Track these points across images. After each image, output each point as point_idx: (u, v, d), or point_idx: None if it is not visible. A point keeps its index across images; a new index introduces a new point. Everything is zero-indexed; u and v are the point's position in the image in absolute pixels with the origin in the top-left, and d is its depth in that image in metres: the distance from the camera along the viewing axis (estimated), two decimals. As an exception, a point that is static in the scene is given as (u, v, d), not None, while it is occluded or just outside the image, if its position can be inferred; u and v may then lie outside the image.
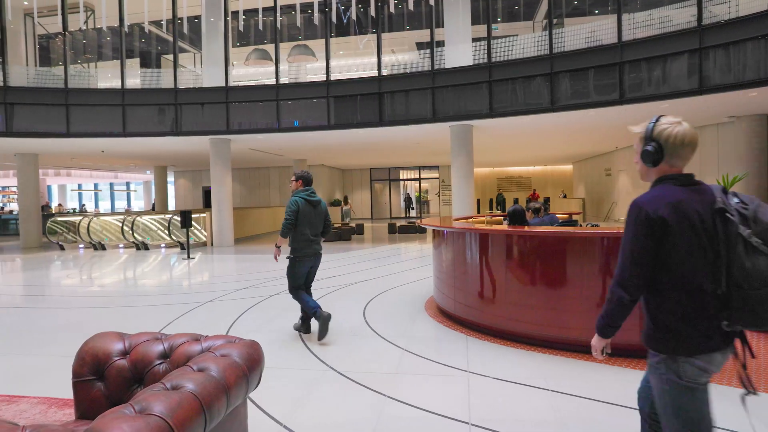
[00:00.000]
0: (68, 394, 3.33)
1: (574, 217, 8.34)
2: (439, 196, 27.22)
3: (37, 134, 12.93)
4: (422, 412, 3.07)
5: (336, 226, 17.03)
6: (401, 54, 16.23)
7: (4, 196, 33.60)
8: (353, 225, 17.60)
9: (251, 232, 17.21)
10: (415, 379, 3.61)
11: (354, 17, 15.53)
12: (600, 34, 10.53)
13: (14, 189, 29.72)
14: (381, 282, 7.64)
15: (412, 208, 27.41)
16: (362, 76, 12.83)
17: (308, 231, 4.67)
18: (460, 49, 11.93)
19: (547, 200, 22.65)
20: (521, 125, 12.48)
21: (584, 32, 10.80)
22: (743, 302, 1.58)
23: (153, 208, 25.32)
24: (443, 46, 12.19)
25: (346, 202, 25.04)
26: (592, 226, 5.78)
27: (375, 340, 4.60)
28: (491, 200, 26.90)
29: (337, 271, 8.96)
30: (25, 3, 14.37)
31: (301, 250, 4.63)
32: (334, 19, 12.66)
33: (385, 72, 12.61)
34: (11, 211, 24.85)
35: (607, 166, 20.93)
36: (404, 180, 28.77)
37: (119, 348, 2.23)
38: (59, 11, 13.24)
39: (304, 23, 16.21)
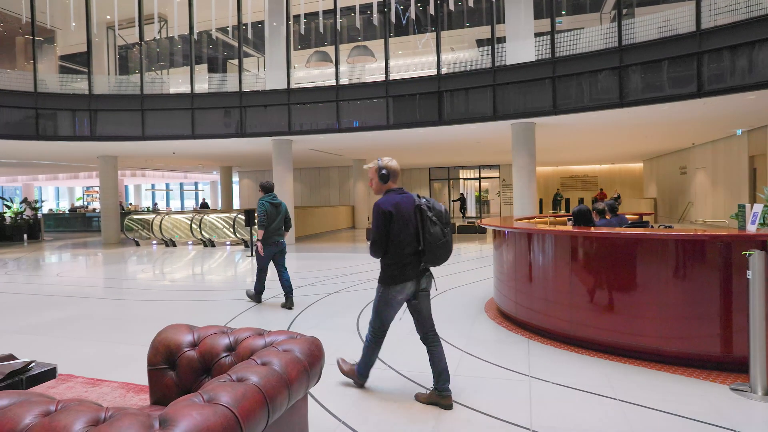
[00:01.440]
0: (144, 380, 3.54)
1: (645, 218, 7.89)
2: (499, 195, 26.67)
3: (116, 138, 13.86)
4: (482, 415, 3.00)
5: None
6: (461, 52, 16.02)
7: (88, 195, 36.31)
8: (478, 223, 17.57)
9: (312, 231, 17.60)
10: (475, 381, 3.54)
11: (413, 16, 15.49)
12: (675, 23, 9.90)
13: (97, 189, 32.06)
14: (439, 282, 7.57)
15: (466, 209, 26.86)
16: (421, 75, 12.78)
17: (271, 226, 6.17)
18: (522, 44, 11.62)
19: (617, 198, 21.52)
20: (587, 122, 11.97)
21: (657, 21, 10.18)
22: (430, 252, 3.02)
23: (201, 207, 26.52)
24: (504, 42, 11.92)
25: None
26: (665, 227, 5.44)
27: (433, 340, 4.55)
28: (554, 199, 26.03)
29: (396, 270, 8.96)
30: (108, 17, 15.44)
31: (266, 240, 6.06)
32: (393, 19, 12.70)
33: (444, 70, 12.49)
34: (94, 210, 26.83)
35: (683, 164, 19.66)
36: (464, 179, 28.40)
37: (189, 340, 2.33)
38: (136, 23, 14.12)
39: (363, 24, 16.37)
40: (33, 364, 2.78)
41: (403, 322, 5.21)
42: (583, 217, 5.03)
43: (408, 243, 3.05)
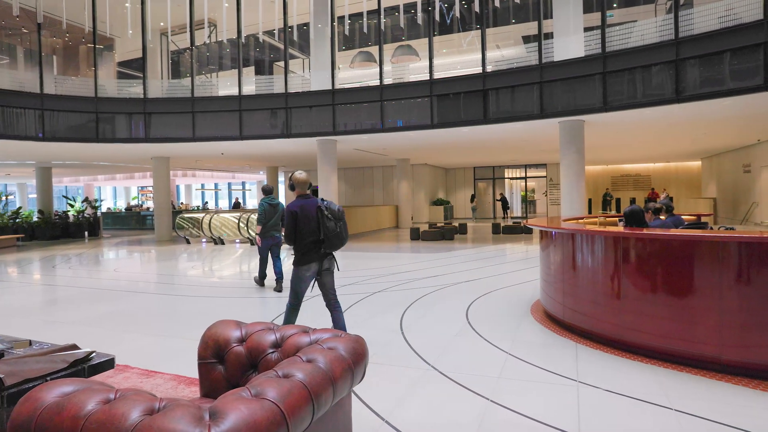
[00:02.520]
0: (193, 373, 3.67)
1: (704, 219, 7.50)
2: (546, 195, 26.04)
3: (168, 139, 14.43)
4: (527, 419, 2.93)
5: (439, 225, 17.00)
6: (506, 49, 15.73)
7: (142, 194, 38.01)
8: (456, 224, 17.43)
9: (356, 230, 17.73)
10: (521, 384, 3.46)
11: (457, 14, 15.33)
12: (739, 12, 9.34)
13: (150, 188, 33.52)
14: (484, 283, 7.46)
15: (509, 209, 26.25)
16: (466, 73, 12.64)
17: (269, 223, 7.43)
18: (570, 40, 11.28)
19: (670, 199, 20.52)
20: (640, 119, 11.49)
21: (718, 11, 9.64)
22: (328, 240, 3.94)
23: (233, 206, 27.11)
24: (552, 38, 11.61)
25: (472, 200, 25.04)
26: (726, 229, 5.14)
27: (478, 341, 4.49)
28: (604, 199, 25.14)
29: (440, 270, 8.91)
30: (161, 24, 16.10)
31: (265, 234, 7.24)
32: (437, 17, 12.60)
33: (489, 68, 12.30)
34: (148, 208, 28.06)
35: (746, 162, 18.53)
36: (509, 179, 27.90)
37: (237, 335, 2.39)
38: (188, 28, 14.65)
39: (407, 24, 16.36)
40: (93, 354, 2.92)
41: (447, 326, 5.17)
42: (636, 217, 4.82)
43: (310, 234, 4.02)
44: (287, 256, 11.31)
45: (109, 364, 2.94)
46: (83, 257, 12.69)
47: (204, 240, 16.58)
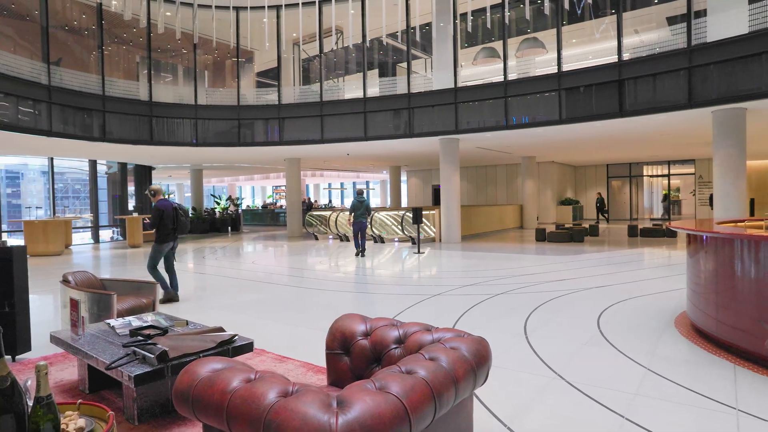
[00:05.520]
0: (320, 362, 3.88)
1: None
2: (694, 194, 23.27)
3: (299, 142, 15.48)
4: (673, 444, 2.62)
5: (566, 226, 16.08)
6: (646, 33, 14.32)
7: (276, 193, 41.27)
8: (586, 226, 16.33)
9: (478, 230, 17.45)
10: (662, 405, 3.12)
11: (589, 0, 14.31)
12: None
13: (283, 188, 36.25)
14: (619, 290, 6.88)
15: (607, 211, 23.65)
16: (598, 63, 11.76)
17: (357, 213, 8.56)
18: (729, 15, 9.92)
19: None
20: (819, 104, 9.75)
21: None
22: (178, 228, 6.70)
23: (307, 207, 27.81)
24: (704, 16, 10.31)
25: (602, 205, 23.43)
26: None
27: (610, 352, 4.15)
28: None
29: (567, 274, 8.40)
30: (294, 35, 17.31)
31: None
32: (566, 5, 11.88)
33: (626, 56, 11.31)
34: (281, 206, 30.42)
35: None
36: (649, 176, 25.42)
37: (362, 329, 2.47)
38: (317, 37, 15.56)
39: (533, 15, 15.66)
40: (236, 337, 3.22)
41: (575, 334, 4.85)
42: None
43: (169, 223, 6.56)
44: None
45: (248, 347, 3.23)
46: (227, 250, 14.14)
47: (331, 236, 17.51)
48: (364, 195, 11.72)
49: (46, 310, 6.42)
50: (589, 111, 11.66)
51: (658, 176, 25.12)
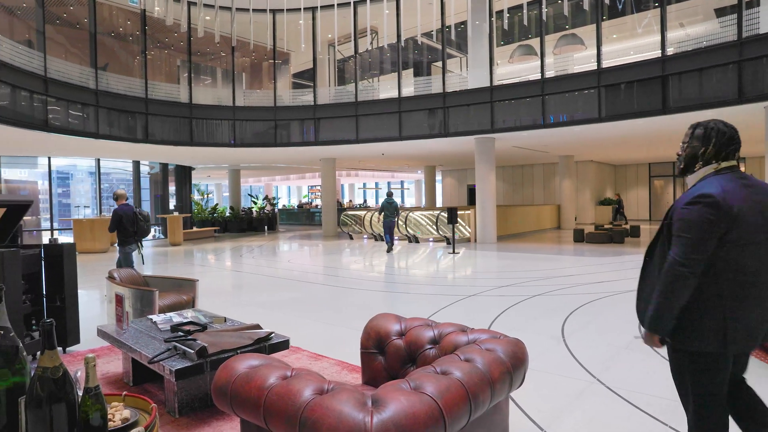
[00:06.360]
0: (355, 361, 3.90)
1: None
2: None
3: (334, 142, 15.61)
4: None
5: (606, 226, 15.65)
6: (692, 27, 13.78)
7: (312, 193, 41.80)
8: (627, 227, 15.84)
9: (514, 231, 17.18)
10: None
11: (631, -6, 13.90)
12: None
13: (319, 187, 36.70)
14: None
15: (623, 215, 22.63)
16: (640, 59, 11.39)
17: (386, 213, 9.46)
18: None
19: None
20: None
21: None
22: (139, 233, 6.79)
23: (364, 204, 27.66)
24: (758, 6, 9.84)
25: (617, 207, 22.72)
26: None
27: (653, 358, 4.01)
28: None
29: (607, 276, 8.18)
30: (329, 36, 17.47)
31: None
32: (607, 0, 11.56)
33: (670, 51, 10.91)
34: (316, 206, 30.78)
35: None
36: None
37: (397, 329, 2.47)
38: (352, 38, 15.66)
39: (571, 11, 15.31)
40: (273, 334, 3.28)
41: (615, 337, 4.72)
42: None
43: (129, 226, 6.65)
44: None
45: (284, 344, 3.28)
46: (263, 248, 14.41)
47: (365, 236, 17.59)
48: (393, 196, 12.96)
49: (93, 305, 6.70)
50: (630, 108, 11.30)
51: (704, 175, 24.09)
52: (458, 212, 14.28)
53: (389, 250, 12.52)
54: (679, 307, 1.83)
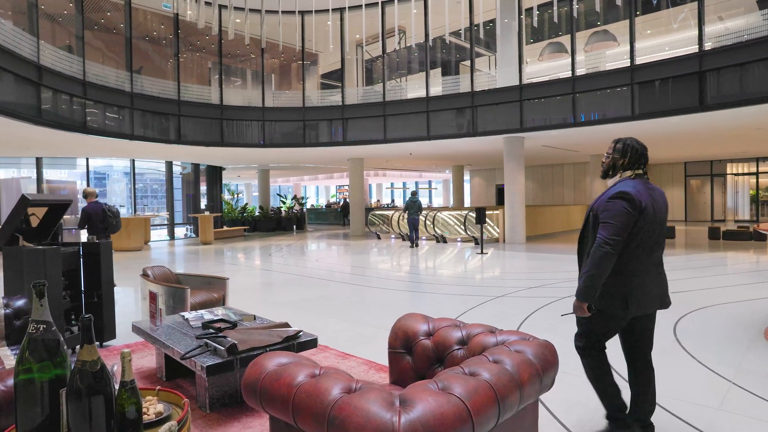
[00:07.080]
0: (382, 360, 3.90)
1: None
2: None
3: (363, 142, 15.66)
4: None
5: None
6: (732, 20, 13.28)
7: (340, 193, 42.05)
8: None
9: (543, 231, 16.91)
10: (749, 423, 2.88)
11: (667, -12, 13.49)
12: None
13: (347, 187, 36.90)
14: (698, 296, 6.44)
15: None
16: (675, 55, 11.06)
17: (410, 210, 11.64)
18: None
19: None
20: None
21: None
22: (109, 228, 7.29)
23: (342, 207, 27.38)
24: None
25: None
26: None
27: (689, 363, 3.89)
28: None
29: (639, 277, 7.95)
30: (357, 36, 17.54)
31: (409, 216, 8.00)
32: (641, -5, 11.27)
33: (708, 46, 10.55)
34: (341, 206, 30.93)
35: None
36: (733, 174, 23.57)
37: (425, 329, 2.46)
38: (380, 37, 15.69)
39: (603, 7, 14.97)
40: (301, 333, 3.31)
41: (657, 339, 4.58)
42: None
43: (98, 223, 7.09)
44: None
45: (312, 343, 3.31)
46: (292, 248, 14.58)
47: (393, 236, 17.60)
48: (417, 196, 13.91)
49: (128, 301, 6.90)
50: (665, 106, 10.98)
51: (744, 174, 23.22)
52: (486, 212, 14.13)
53: (413, 245, 13.38)
54: (604, 279, 2.36)
